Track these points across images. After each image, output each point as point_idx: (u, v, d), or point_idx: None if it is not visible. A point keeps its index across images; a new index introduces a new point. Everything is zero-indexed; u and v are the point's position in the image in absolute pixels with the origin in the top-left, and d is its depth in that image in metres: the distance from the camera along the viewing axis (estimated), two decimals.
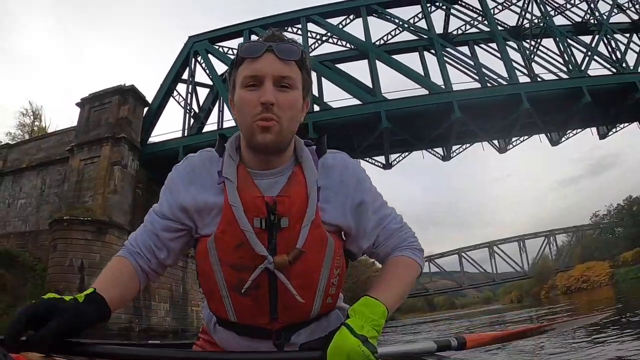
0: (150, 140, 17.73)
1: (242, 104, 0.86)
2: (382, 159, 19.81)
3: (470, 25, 20.13)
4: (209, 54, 18.93)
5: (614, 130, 21.48)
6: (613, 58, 19.33)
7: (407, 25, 19.38)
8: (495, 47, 19.20)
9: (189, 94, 18.86)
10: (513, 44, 19.54)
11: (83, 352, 0.74)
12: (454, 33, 20.47)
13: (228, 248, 0.88)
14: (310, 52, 18.07)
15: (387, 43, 19.71)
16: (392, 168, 20.14)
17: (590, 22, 20.64)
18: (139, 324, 13.34)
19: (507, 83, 17.19)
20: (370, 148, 18.14)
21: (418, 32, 19.52)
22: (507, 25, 20.76)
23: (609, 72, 18.81)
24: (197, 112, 19.38)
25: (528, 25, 20.61)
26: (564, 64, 18.94)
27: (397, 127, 16.33)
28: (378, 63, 17.88)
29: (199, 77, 19.72)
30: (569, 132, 20.54)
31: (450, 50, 18.54)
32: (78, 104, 17.04)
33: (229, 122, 18.24)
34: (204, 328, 1.07)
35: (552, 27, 19.69)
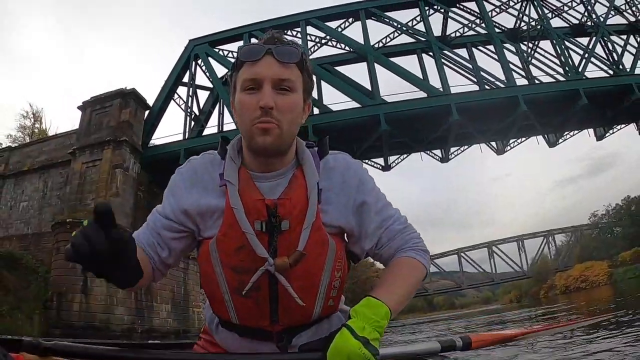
0: (152, 143, 17.78)
1: (241, 108, 0.87)
2: (381, 161, 19.92)
3: (468, 28, 20.23)
4: (209, 57, 18.99)
5: (611, 132, 21.52)
6: (610, 60, 19.39)
7: (405, 29, 19.46)
8: (493, 49, 19.31)
9: (190, 97, 18.95)
10: (511, 47, 19.62)
11: (82, 353, 0.73)
12: (452, 35, 20.52)
13: (229, 250, 0.89)
14: (310, 55, 18.15)
15: (385, 46, 19.79)
16: (390, 170, 20.27)
17: (587, 24, 20.64)
18: (142, 325, 13.42)
19: (504, 86, 17.26)
20: (369, 150, 18.22)
21: (416, 35, 19.60)
22: (504, 28, 20.78)
23: (606, 74, 18.80)
24: (197, 114, 19.47)
25: (525, 28, 20.67)
26: (561, 66, 19.03)
27: (395, 129, 16.42)
28: (377, 66, 17.96)
29: (200, 80, 19.86)
30: (566, 133, 20.55)
31: (448, 53, 18.62)
32: (79, 107, 17.09)
33: (229, 124, 18.36)
34: (206, 328, 1.08)
35: (549, 29, 19.79)
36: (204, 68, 19.07)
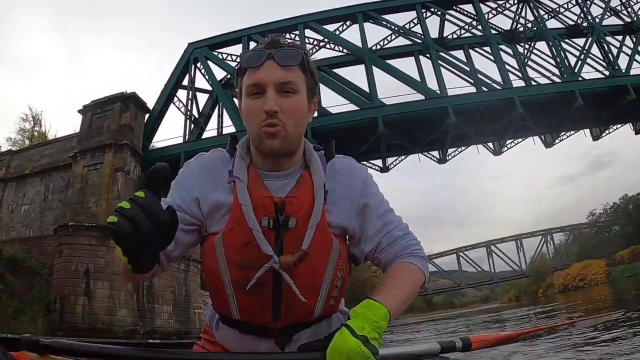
0: (152, 146, 17.87)
1: (247, 113, 0.89)
2: (379, 162, 20.04)
3: (465, 30, 20.38)
4: (209, 61, 19.08)
5: (607, 132, 21.66)
6: (606, 61, 19.48)
7: (402, 31, 19.59)
8: (490, 51, 19.43)
9: (189, 100, 19.04)
10: (507, 48, 19.75)
11: (81, 352, 0.74)
12: (449, 37, 20.69)
13: (235, 246, 0.90)
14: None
15: (383, 48, 19.94)
16: (389, 171, 20.42)
17: (583, 25, 20.73)
18: (144, 327, 13.55)
19: (500, 87, 17.40)
20: (368, 152, 18.33)
21: (413, 37, 19.74)
22: (501, 29, 20.92)
23: (602, 75, 18.93)
24: (197, 117, 19.58)
25: (522, 29, 20.78)
26: (557, 67, 19.15)
27: (393, 131, 16.56)
28: (374, 68, 18.07)
29: (199, 83, 19.92)
30: (563, 134, 20.74)
31: (445, 55, 18.75)
32: (80, 111, 17.19)
33: (229, 127, 18.49)
34: (206, 328, 1.09)
35: (545, 31, 19.93)
36: (203, 71, 19.15)
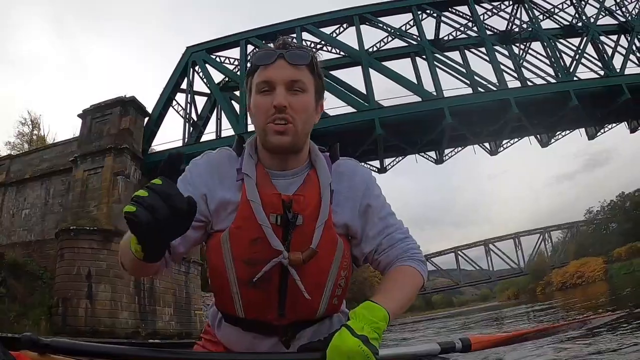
0: (152, 149, 18.01)
1: (256, 108, 0.91)
2: (376, 164, 20.13)
3: (461, 32, 20.52)
4: (207, 64, 19.19)
5: (602, 131, 21.81)
6: (601, 61, 19.62)
7: (398, 33, 19.74)
8: (485, 52, 19.57)
9: (188, 104, 19.14)
10: (503, 49, 19.87)
11: (82, 352, 0.74)
12: (445, 39, 20.83)
13: (243, 243, 0.90)
14: None
15: (380, 50, 20.09)
16: (386, 172, 20.55)
17: (578, 25, 20.84)
18: (145, 329, 13.69)
19: (496, 89, 17.54)
20: (365, 153, 18.43)
21: (409, 39, 19.88)
22: (496, 30, 21.06)
23: (597, 75, 19.04)
24: (195, 120, 19.69)
25: (517, 30, 20.91)
26: (552, 68, 19.30)
27: (390, 133, 16.71)
28: (371, 70, 18.21)
29: (197, 86, 20.04)
30: (558, 133, 20.91)
31: (441, 57, 18.87)
32: (80, 115, 17.29)
33: (227, 130, 18.56)
34: (207, 328, 1.10)
35: (539, 31, 20.08)
36: (202, 74, 19.26)
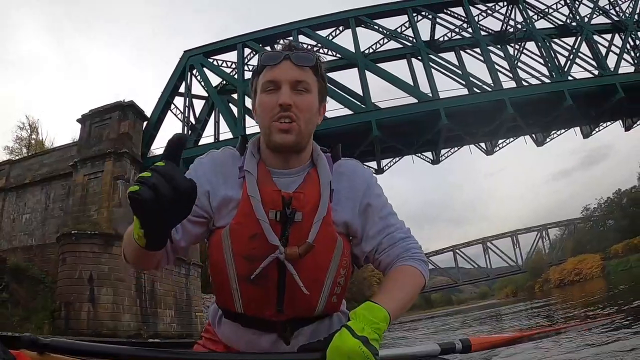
0: (151, 153, 18.13)
1: (261, 107, 0.94)
2: (374, 165, 20.28)
3: (456, 33, 20.67)
4: (204, 68, 19.31)
5: (597, 130, 21.98)
6: (594, 60, 19.77)
7: (394, 35, 19.88)
8: (480, 52, 19.74)
9: (186, 107, 19.24)
10: (498, 50, 20.04)
11: (81, 351, 0.74)
12: (440, 40, 20.95)
13: (242, 238, 0.92)
14: None
15: (375, 52, 20.21)
16: (383, 173, 20.73)
17: (572, 24, 20.99)
18: (147, 331, 13.81)
19: (491, 89, 17.70)
20: (363, 154, 18.56)
21: (405, 41, 20.01)
22: (491, 31, 21.23)
23: (591, 74, 19.20)
24: (194, 123, 19.82)
25: (512, 30, 21.05)
26: (547, 67, 19.46)
27: (387, 134, 16.88)
28: (367, 72, 18.35)
29: (195, 90, 20.15)
30: (553, 132, 21.11)
31: (436, 58, 19.03)
32: (79, 120, 17.38)
33: (226, 133, 18.72)
34: (207, 328, 1.12)
35: (534, 31, 20.23)
36: (199, 78, 19.37)
